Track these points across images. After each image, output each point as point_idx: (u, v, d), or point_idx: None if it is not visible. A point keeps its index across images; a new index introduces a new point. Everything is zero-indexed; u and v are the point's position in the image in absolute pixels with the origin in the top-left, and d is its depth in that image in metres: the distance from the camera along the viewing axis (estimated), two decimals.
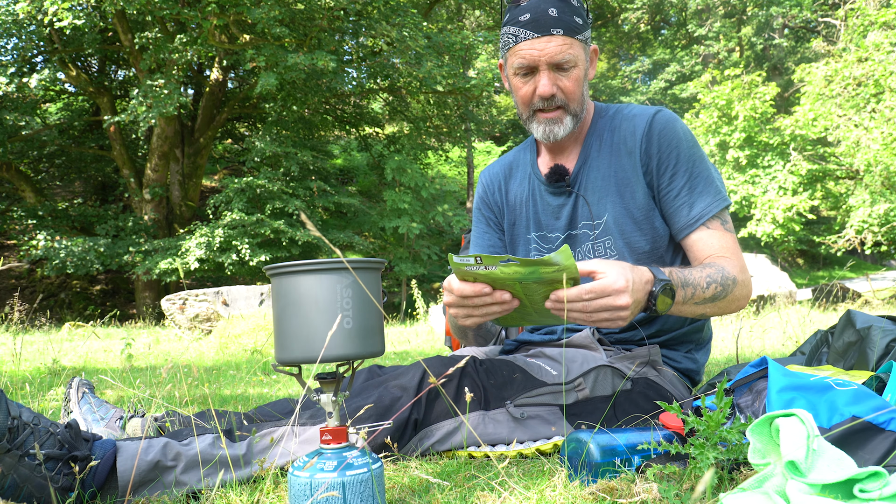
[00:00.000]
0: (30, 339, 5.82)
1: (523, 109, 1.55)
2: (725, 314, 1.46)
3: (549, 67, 1.46)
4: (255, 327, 5.73)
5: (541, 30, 1.44)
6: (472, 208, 1.87)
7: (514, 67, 1.50)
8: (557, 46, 1.44)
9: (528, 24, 1.45)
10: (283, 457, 1.22)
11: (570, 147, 1.61)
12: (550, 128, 1.52)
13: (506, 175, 1.74)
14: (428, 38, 11.31)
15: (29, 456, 1.05)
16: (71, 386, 1.59)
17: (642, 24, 23.69)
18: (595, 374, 1.44)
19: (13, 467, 1.04)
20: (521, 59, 1.47)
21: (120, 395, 2.51)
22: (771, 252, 16.20)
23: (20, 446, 1.04)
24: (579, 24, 1.47)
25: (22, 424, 1.06)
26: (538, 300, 1.22)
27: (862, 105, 11.26)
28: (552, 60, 1.45)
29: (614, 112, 1.60)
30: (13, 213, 12.49)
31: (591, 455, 1.07)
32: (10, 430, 1.04)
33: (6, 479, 1.04)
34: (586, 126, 1.61)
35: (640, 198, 1.52)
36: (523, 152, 1.75)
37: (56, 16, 9.46)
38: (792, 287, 7.62)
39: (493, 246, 1.74)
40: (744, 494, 0.83)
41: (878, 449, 0.93)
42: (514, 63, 1.49)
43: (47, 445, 1.07)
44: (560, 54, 1.45)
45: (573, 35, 1.45)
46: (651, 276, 1.26)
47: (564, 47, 1.45)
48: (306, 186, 12.68)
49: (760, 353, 3.30)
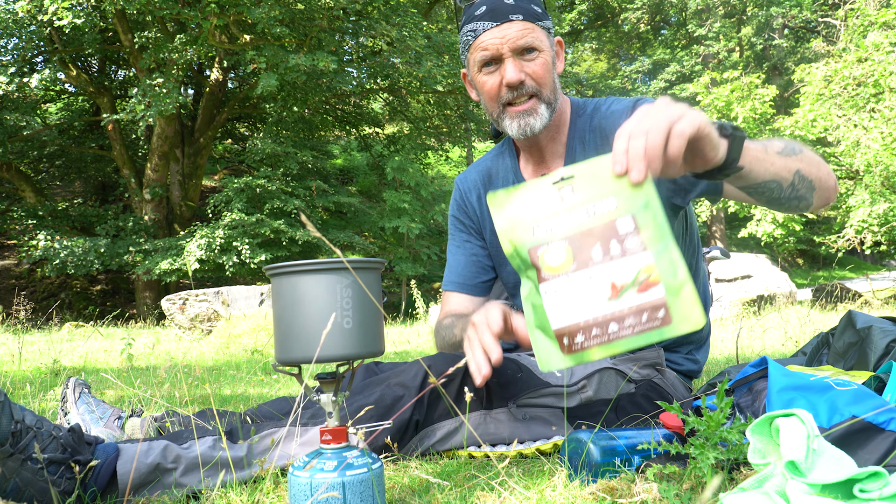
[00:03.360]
0: (30, 339, 5.82)
1: (492, 107, 1.43)
2: (820, 182, 1.20)
3: (514, 54, 1.38)
4: (255, 327, 5.73)
5: (499, 17, 1.38)
6: (449, 217, 1.72)
7: (477, 64, 1.41)
8: (518, 31, 1.37)
9: (485, 16, 1.39)
10: (284, 458, 1.22)
11: (553, 150, 1.51)
12: (525, 120, 1.40)
13: (484, 183, 1.63)
14: (428, 38, 11.31)
15: (32, 460, 1.05)
16: (67, 386, 1.59)
17: (642, 24, 23.69)
18: (599, 376, 1.43)
19: (16, 471, 1.04)
20: (482, 52, 1.39)
21: (120, 395, 2.51)
22: (771, 252, 16.21)
23: (23, 450, 1.05)
24: (539, 12, 1.41)
25: (25, 428, 1.06)
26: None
27: (862, 105, 11.25)
28: (515, 46, 1.37)
29: (592, 110, 1.51)
30: (13, 213, 12.49)
31: (591, 455, 1.07)
32: (14, 434, 1.04)
33: (8, 483, 1.04)
34: (565, 126, 1.51)
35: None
36: (501, 158, 1.62)
37: (56, 15, 9.46)
38: (792, 287, 7.62)
39: (476, 255, 1.64)
40: (744, 494, 0.83)
41: (878, 449, 0.93)
42: (477, 58, 1.41)
43: (50, 449, 1.07)
44: (522, 39, 1.37)
45: (534, 21, 1.39)
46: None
47: (526, 31, 1.37)
48: (306, 186, 12.68)
49: (760, 353, 3.30)
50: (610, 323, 0.87)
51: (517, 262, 0.94)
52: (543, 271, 0.91)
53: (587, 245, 0.89)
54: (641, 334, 0.86)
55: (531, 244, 0.92)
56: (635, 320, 0.86)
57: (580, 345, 0.89)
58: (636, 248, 0.87)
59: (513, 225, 0.94)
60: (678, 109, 0.89)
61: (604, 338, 0.87)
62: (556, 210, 0.92)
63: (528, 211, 0.93)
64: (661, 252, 0.86)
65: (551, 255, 0.91)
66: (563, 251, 0.90)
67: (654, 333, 0.86)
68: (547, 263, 0.91)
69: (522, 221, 0.93)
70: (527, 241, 0.93)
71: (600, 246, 0.88)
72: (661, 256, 0.86)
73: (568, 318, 0.89)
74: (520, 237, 0.94)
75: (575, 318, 0.89)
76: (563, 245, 0.90)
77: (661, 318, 0.85)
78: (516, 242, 0.94)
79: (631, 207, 0.88)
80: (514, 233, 0.94)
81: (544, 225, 0.92)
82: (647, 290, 0.86)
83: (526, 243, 0.93)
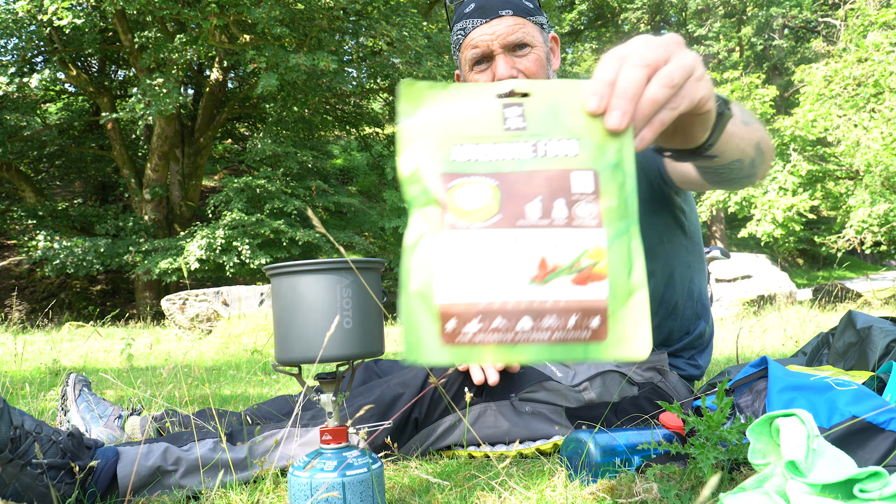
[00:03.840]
0: (30, 339, 5.82)
1: None
2: (770, 150, 1.02)
3: (505, 51, 1.35)
4: (255, 327, 5.73)
5: (488, 13, 1.35)
6: None
7: (468, 62, 1.39)
8: (509, 27, 1.34)
9: (474, 13, 1.37)
10: (284, 459, 1.22)
11: None
12: None
13: None
14: (428, 38, 11.32)
15: (31, 465, 1.05)
16: (67, 383, 1.58)
17: (642, 24, 23.68)
18: (602, 378, 1.42)
19: (15, 476, 1.04)
20: (472, 50, 1.36)
21: (120, 395, 2.51)
22: (771, 252, 16.20)
23: (22, 455, 1.05)
24: (530, 7, 1.39)
25: (24, 433, 1.06)
26: None
27: (862, 105, 11.25)
28: (506, 42, 1.34)
29: None
30: (13, 213, 12.49)
31: (591, 455, 1.07)
32: (13, 440, 1.04)
33: (8, 489, 1.04)
34: None
35: (643, 190, 1.37)
36: None
37: (56, 15, 9.46)
38: (792, 287, 7.63)
39: None
40: (744, 494, 0.83)
41: (878, 449, 0.93)
42: (468, 56, 1.38)
43: (49, 454, 1.07)
44: (513, 34, 1.34)
45: (525, 16, 1.37)
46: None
47: (517, 27, 1.34)
48: (306, 186, 12.68)
49: (760, 353, 3.30)
50: (523, 316, 0.61)
51: (415, 191, 0.65)
52: (449, 212, 0.63)
53: (523, 194, 0.63)
54: (559, 345, 0.61)
55: (443, 169, 0.64)
56: (558, 322, 0.61)
57: (470, 336, 0.61)
58: (588, 219, 0.62)
59: (424, 134, 0.66)
60: (694, 57, 0.66)
61: (507, 335, 0.61)
62: (493, 132, 0.65)
63: (452, 121, 0.66)
64: (618, 235, 0.62)
65: (468, 194, 0.63)
66: (487, 193, 0.63)
67: (577, 349, 0.61)
68: (458, 203, 0.63)
69: (440, 133, 0.66)
70: (438, 163, 0.65)
71: (541, 201, 0.62)
72: (618, 242, 0.62)
73: (465, 292, 0.62)
74: (429, 153, 0.65)
75: (475, 296, 0.61)
76: (488, 183, 0.63)
77: (594, 329, 0.61)
78: (422, 160, 0.65)
79: (596, 161, 0.63)
80: (422, 145, 0.66)
81: (470, 148, 0.65)
82: (587, 284, 0.61)
83: (436, 165, 0.65)
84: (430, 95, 0.66)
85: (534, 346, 0.61)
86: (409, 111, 0.66)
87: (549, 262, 0.61)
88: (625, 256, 0.62)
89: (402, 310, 0.64)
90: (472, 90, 0.66)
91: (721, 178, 1.02)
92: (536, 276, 0.61)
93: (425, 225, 0.64)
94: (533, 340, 0.61)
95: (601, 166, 0.63)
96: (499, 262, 0.61)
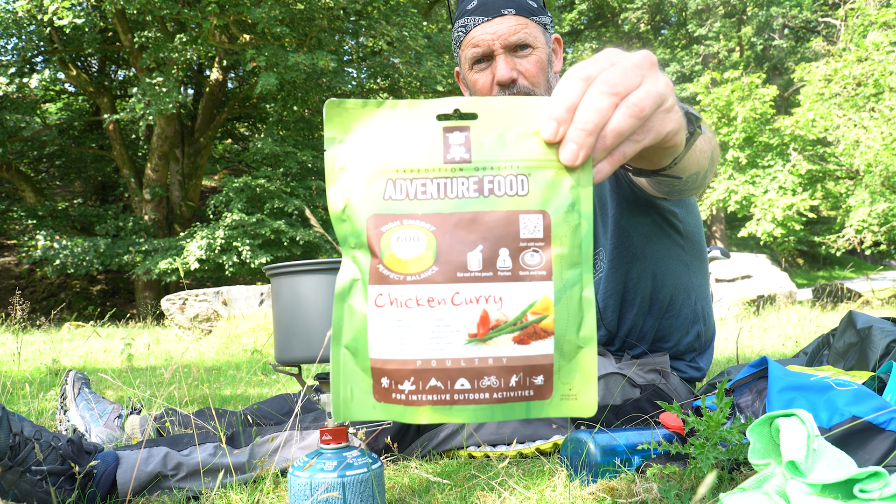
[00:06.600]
0: (30, 339, 5.82)
1: None
2: (718, 157, 1.02)
3: (506, 51, 1.34)
4: (255, 327, 5.73)
5: (490, 12, 1.34)
6: None
7: (468, 61, 1.38)
8: (510, 27, 1.32)
9: (476, 10, 1.35)
10: (284, 462, 1.22)
11: None
12: None
13: None
14: (428, 38, 11.33)
15: (31, 472, 1.05)
16: (66, 381, 1.57)
17: (642, 24, 23.68)
18: (604, 381, 1.42)
19: (15, 483, 1.04)
20: (473, 48, 1.35)
21: (120, 395, 2.51)
22: (771, 252, 16.21)
23: (22, 462, 1.04)
24: (534, 7, 1.37)
25: (24, 440, 1.06)
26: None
27: (862, 105, 11.25)
28: (507, 42, 1.33)
29: None
30: (13, 213, 12.50)
31: (591, 455, 1.07)
32: (12, 447, 1.04)
33: (7, 495, 1.04)
34: None
35: (625, 191, 1.37)
36: None
37: (56, 15, 9.47)
38: (792, 287, 7.63)
39: None
40: (744, 494, 0.82)
41: (878, 449, 0.93)
42: (468, 55, 1.36)
43: (49, 460, 1.07)
44: (515, 34, 1.32)
45: (527, 16, 1.35)
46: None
47: (519, 27, 1.33)
48: (306, 186, 12.68)
49: (760, 353, 3.30)
50: (460, 377, 0.56)
51: (346, 230, 0.59)
52: (384, 263, 0.57)
53: (464, 241, 0.56)
54: (499, 405, 0.57)
55: (375, 209, 0.57)
56: (498, 382, 0.56)
57: (405, 396, 0.57)
58: (536, 269, 0.56)
59: (355, 163, 0.58)
60: (665, 83, 0.59)
61: (443, 396, 0.56)
62: (433, 164, 0.57)
63: (386, 149, 0.58)
64: (568, 286, 0.57)
65: (402, 241, 0.57)
66: (423, 241, 0.56)
67: (518, 408, 0.57)
68: (392, 251, 0.57)
69: (373, 164, 0.58)
70: (369, 201, 0.58)
71: (482, 251, 0.56)
72: (568, 294, 0.57)
73: (398, 349, 0.57)
74: (360, 188, 0.58)
75: (409, 353, 0.57)
76: (425, 229, 0.56)
77: (537, 387, 0.57)
78: (352, 194, 0.58)
79: (548, 201, 0.56)
80: (352, 177, 0.58)
81: (404, 185, 0.57)
82: (531, 343, 0.56)
83: (368, 203, 0.58)
84: (362, 117, 0.58)
85: (471, 408, 0.57)
86: (339, 136, 0.59)
87: (491, 317, 0.56)
88: (575, 309, 0.57)
89: (332, 363, 0.60)
90: (410, 111, 0.58)
91: (672, 189, 1.00)
92: (477, 333, 0.56)
93: (356, 271, 0.59)
94: (471, 401, 0.56)
95: (553, 207, 0.56)
96: (435, 319, 0.56)
